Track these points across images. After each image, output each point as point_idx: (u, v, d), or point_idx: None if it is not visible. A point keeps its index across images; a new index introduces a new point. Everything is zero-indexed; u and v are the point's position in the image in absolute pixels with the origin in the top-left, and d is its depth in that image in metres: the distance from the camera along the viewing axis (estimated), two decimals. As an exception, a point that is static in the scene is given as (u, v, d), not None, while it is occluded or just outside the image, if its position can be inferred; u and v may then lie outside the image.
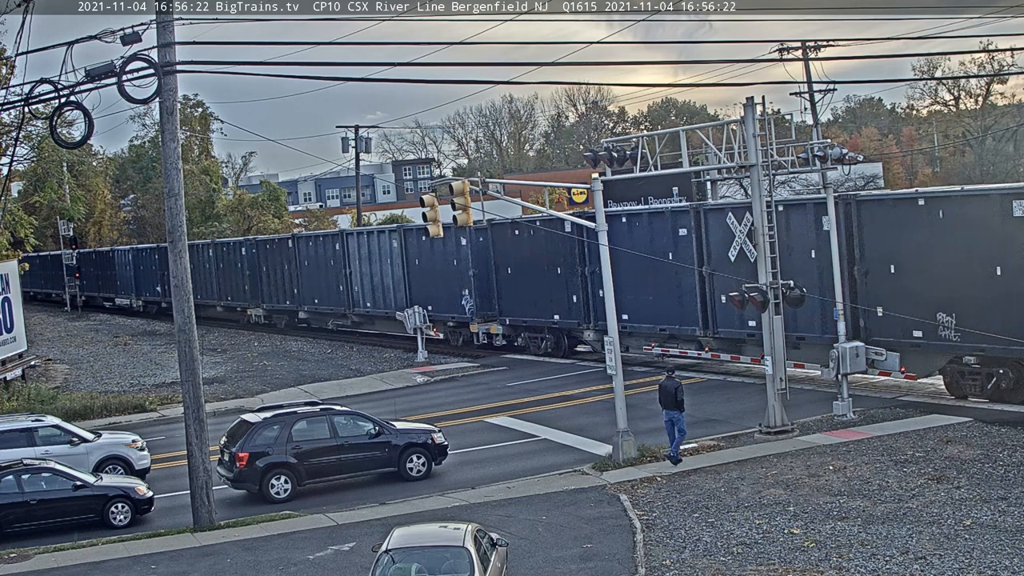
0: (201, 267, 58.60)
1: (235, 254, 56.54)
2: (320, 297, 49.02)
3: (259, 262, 53.73)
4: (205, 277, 58.82)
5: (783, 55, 50.00)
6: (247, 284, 55.08)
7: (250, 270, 54.51)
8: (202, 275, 58.38)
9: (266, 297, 53.44)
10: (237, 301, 56.46)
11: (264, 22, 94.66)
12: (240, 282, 55.92)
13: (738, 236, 29.54)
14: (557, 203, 69.02)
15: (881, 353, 25.97)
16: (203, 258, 58.94)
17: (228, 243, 58.64)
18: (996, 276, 23.94)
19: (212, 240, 62.05)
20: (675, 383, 22.56)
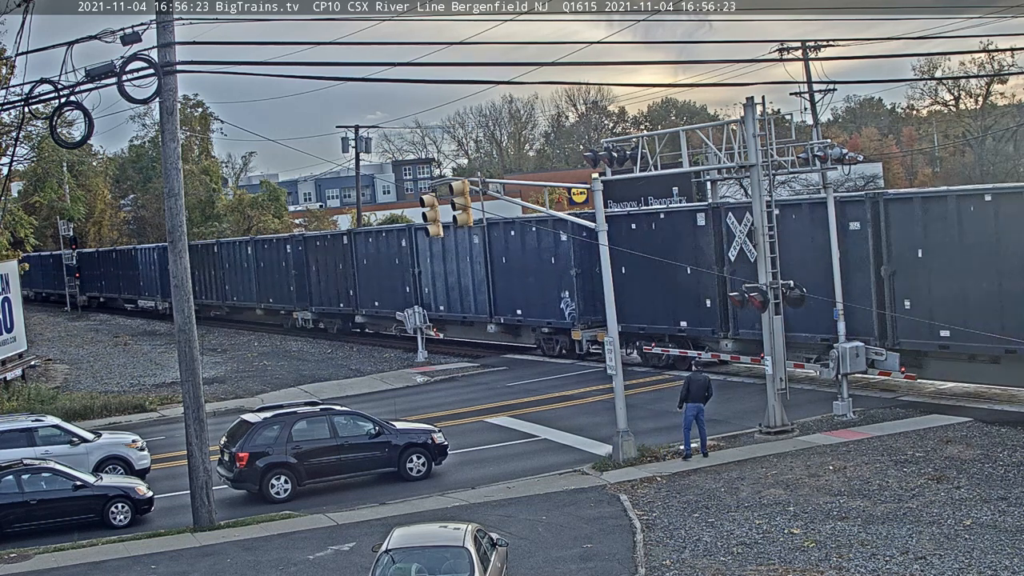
0: (238, 266, 55.56)
1: (278, 252, 52.31)
2: (382, 299, 44.81)
3: (307, 261, 49.77)
4: (243, 277, 55.27)
5: (783, 55, 49.99)
6: (292, 285, 50.90)
7: (296, 270, 50.41)
8: (239, 275, 55.38)
9: (316, 299, 49.54)
10: (281, 303, 52.33)
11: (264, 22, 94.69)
12: (284, 282, 51.69)
13: (738, 236, 29.54)
14: (557, 203, 69.01)
15: (881, 353, 25.96)
16: (240, 256, 55.45)
17: (270, 240, 54.78)
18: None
19: (252, 237, 58.95)
20: (707, 376, 23.13)
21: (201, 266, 57.60)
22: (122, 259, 69.65)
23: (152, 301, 65.56)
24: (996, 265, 24.07)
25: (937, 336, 25.23)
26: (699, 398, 22.48)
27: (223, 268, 57.51)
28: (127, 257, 68.86)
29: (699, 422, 22.46)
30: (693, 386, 22.57)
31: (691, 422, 22.43)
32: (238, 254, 55.66)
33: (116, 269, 70.03)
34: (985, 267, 24.25)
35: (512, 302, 38.13)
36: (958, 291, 24.79)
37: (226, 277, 56.95)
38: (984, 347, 24.21)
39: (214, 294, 58.53)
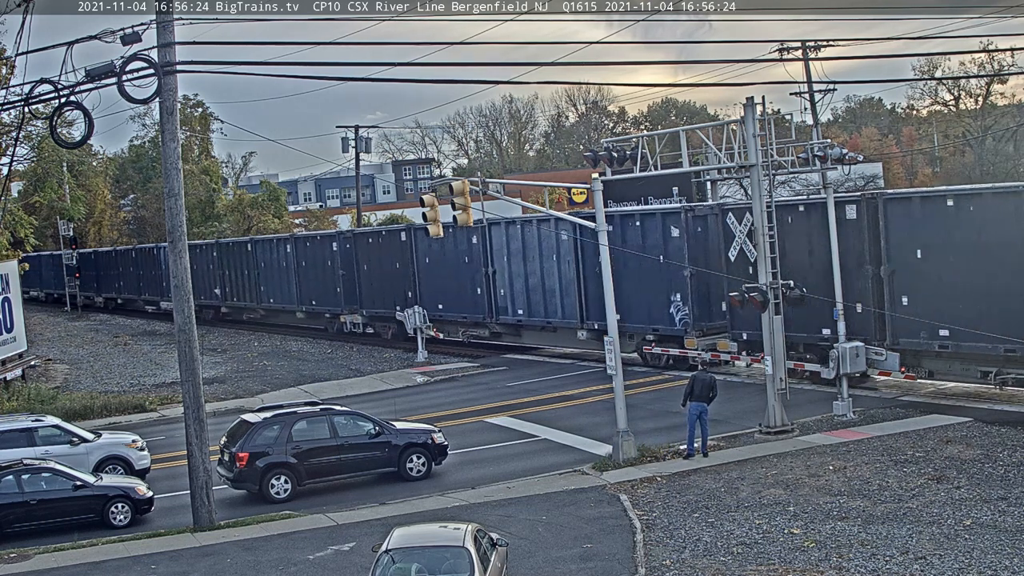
0: (275, 265, 51.55)
1: (323, 250, 48.05)
2: (447, 302, 40.80)
3: (357, 259, 45.80)
4: (280, 277, 51.19)
5: (783, 55, 49.99)
6: (340, 286, 46.53)
7: (344, 269, 46.20)
8: (276, 275, 51.40)
9: (367, 301, 45.39)
10: (326, 306, 47.94)
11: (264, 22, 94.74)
12: (330, 283, 47.30)
13: (738, 236, 29.52)
14: (557, 203, 68.99)
15: (881, 353, 25.96)
16: (278, 255, 51.39)
17: (313, 237, 50.86)
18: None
19: (291, 234, 55.34)
20: (711, 376, 23.16)
21: (233, 266, 55.25)
22: (143, 258, 65.67)
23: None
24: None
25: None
26: (703, 397, 22.49)
27: (258, 268, 53.21)
28: (149, 256, 64.78)
29: (702, 421, 22.47)
30: (697, 385, 22.59)
31: (695, 421, 22.44)
32: (276, 252, 51.56)
33: (136, 269, 66.17)
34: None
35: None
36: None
37: (262, 278, 53.03)
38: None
39: (248, 296, 54.52)
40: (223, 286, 56.75)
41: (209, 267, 57.65)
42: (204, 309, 57.41)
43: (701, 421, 22.46)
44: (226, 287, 56.53)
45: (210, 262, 57.52)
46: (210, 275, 57.37)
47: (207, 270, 57.46)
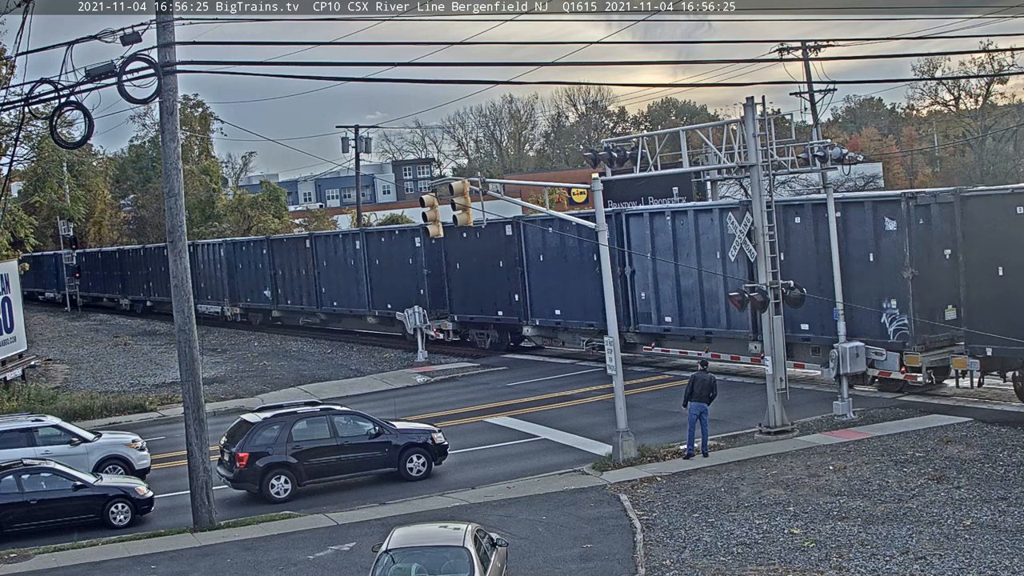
0: (340, 264, 46.54)
1: (403, 247, 42.98)
2: (566, 307, 35.58)
3: (447, 257, 40.82)
4: (347, 278, 46.08)
5: (783, 55, 50.00)
6: (424, 287, 41.53)
7: (430, 268, 41.41)
8: (342, 275, 46.31)
9: (459, 305, 40.69)
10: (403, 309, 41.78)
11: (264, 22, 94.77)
12: (412, 285, 42.07)
13: (738, 236, 29.51)
14: (557, 203, 69.00)
15: (881, 353, 25.95)
16: (344, 252, 46.35)
17: (390, 232, 45.38)
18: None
19: (362, 229, 49.61)
20: (711, 376, 23.05)
21: (287, 264, 50.45)
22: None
23: (217, 306, 56.37)
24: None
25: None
26: (703, 398, 22.48)
27: (319, 267, 47.96)
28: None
29: (702, 422, 22.47)
30: (697, 385, 22.58)
31: (695, 421, 22.44)
32: (341, 249, 46.49)
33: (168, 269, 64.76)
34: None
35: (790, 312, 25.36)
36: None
37: (323, 278, 47.92)
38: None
39: (306, 298, 49.26)
40: (275, 287, 51.59)
41: (258, 266, 52.38)
42: (251, 312, 54.64)
43: (701, 421, 22.47)
44: (278, 288, 51.49)
45: (259, 260, 52.34)
46: (259, 275, 52.23)
47: (256, 269, 52.47)
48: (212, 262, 56.76)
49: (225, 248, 55.43)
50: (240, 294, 54.55)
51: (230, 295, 54.95)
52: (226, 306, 55.51)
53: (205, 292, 56.94)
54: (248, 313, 55.15)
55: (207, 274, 57.08)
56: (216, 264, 56.43)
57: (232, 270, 54.82)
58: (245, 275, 53.51)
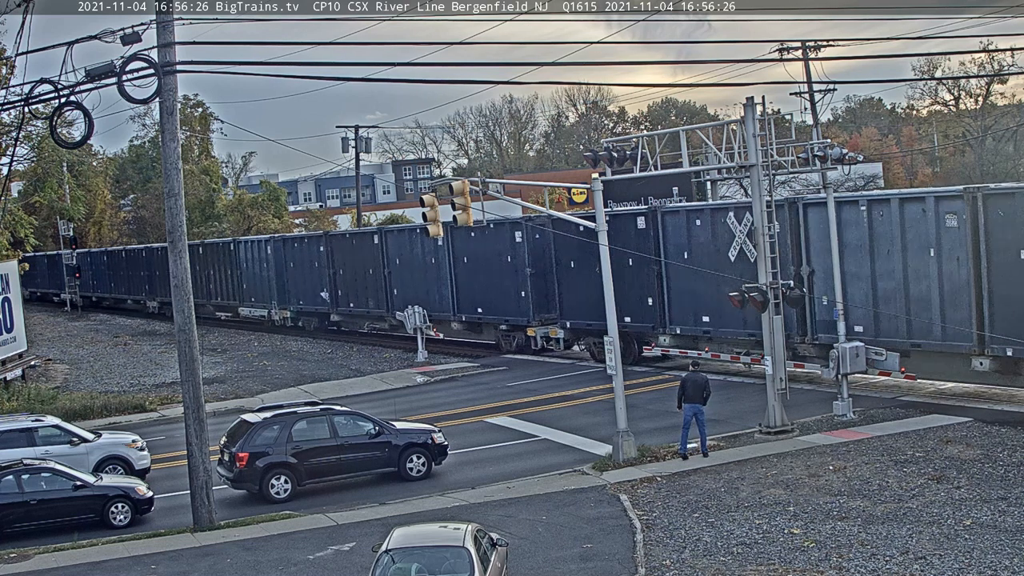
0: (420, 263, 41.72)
1: (499, 243, 37.53)
2: (716, 313, 30.03)
3: (556, 255, 35.57)
4: (426, 278, 41.34)
5: (783, 55, 50.01)
6: (526, 289, 36.77)
7: (534, 267, 36.76)
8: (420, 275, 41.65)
9: (571, 310, 35.28)
10: (501, 315, 38.10)
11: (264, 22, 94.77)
12: (510, 285, 37.29)
13: (738, 236, 29.51)
14: (557, 203, 69.02)
15: (881, 353, 25.94)
16: (423, 250, 41.28)
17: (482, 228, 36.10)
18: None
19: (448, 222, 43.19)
20: (704, 375, 22.95)
21: (350, 263, 45.85)
22: (215, 255, 55.42)
23: (263, 309, 51.58)
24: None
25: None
26: (696, 398, 22.44)
27: (391, 266, 43.58)
28: (223, 253, 54.78)
29: (698, 422, 22.45)
30: (689, 386, 22.55)
31: (690, 422, 22.42)
32: (419, 247, 41.70)
33: (203, 268, 55.81)
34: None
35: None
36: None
37: (395, 279, 43.42)
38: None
39: (372, 301, 44.71)
40: (334, 289, 46.91)
41: (313, 265, 47.84)
42: (306, 316, 49.68)
43: (698, 422, 22.44)
44: (338, 290, 46.76)
45: (314, 259, 47.84)
46: (315, 275, 47.89)
47: (311, 269, 48.01)
48: (257, 261, 51.91)
49: (273, 245, 50.51)
50: (291, 296, 49.85)
51: (279, 297, 50.14)
52: (274, 309, 50.59)
53: (248, 294, 52.85)
54: (300, 317, 49.95)
55: (251, 274, 52.51)
56: (262, 263, 51.60)
57: (281, 270, 50.06)
58: (297, 275, 48.97)
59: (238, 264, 53.55)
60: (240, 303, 53.98)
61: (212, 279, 55.93)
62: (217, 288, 55.81)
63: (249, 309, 53.17)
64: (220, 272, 55.34)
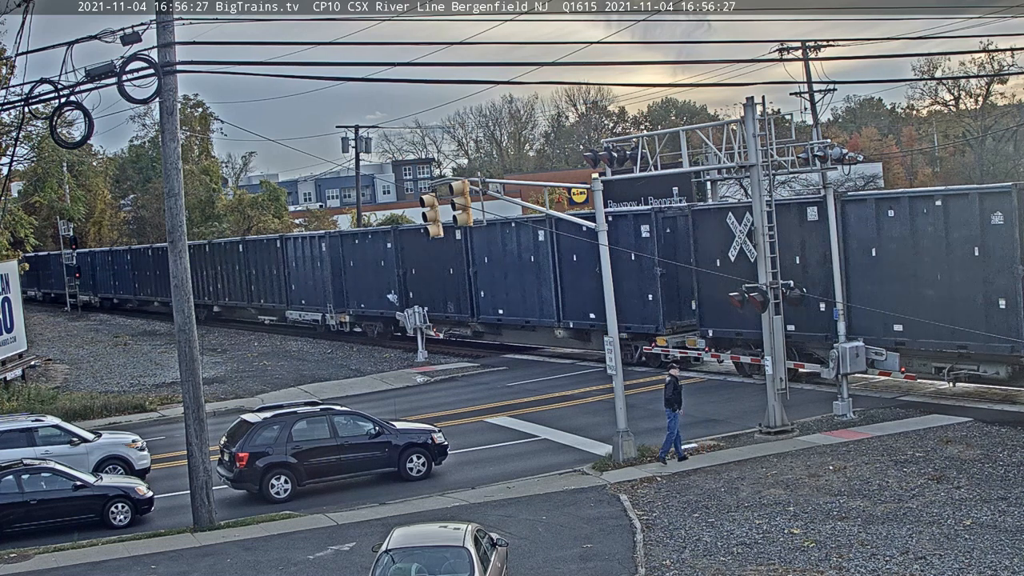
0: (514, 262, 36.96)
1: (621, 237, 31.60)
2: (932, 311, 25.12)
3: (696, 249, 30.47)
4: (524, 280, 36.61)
5: (783, 55, 49.97)
6: (655, 291, 31.96)
7: (664, 267, 31.65)
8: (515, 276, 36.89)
9: (710, 317, 30.46)
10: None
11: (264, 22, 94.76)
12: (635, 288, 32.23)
13: (738, 236, 29.51)
14: (557, 203, 69.01)
15: (881, 353, 25.94)
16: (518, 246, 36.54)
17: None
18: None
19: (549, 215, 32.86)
20: (671, 379, 22.59)
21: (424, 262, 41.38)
22: (260, 254, 51.02)
23: (316, 313, 47.49)
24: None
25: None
26: (665, 402, 22.32)
27: (476, 265, 39.02)
28: (267, 251, 50.50)
29: (667, 426, 22.30)
30: (668, 389, 22.48)
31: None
32: (514, 243, 36.93)
33: (245, 268, 51.85)
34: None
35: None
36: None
37: (482, 279, 38.95)
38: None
39: (453, 305, 40.53)
40: (404, 291, 42.71)
41: (379, 264, 43.53)
42: (368, 321, 45.37)
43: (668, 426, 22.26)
44: (409, 292, 42.64)
45: (380, 257, 43.59)
46: (380, 275, 43.59)
47: (375, 269, 43.80)
48: (308, 260, 47.67)
49: (329, 242, 46.32)
50: (350, 299, 45.52)
51: (335, 300, 46.00)
52: (330, 313, 46.47)
53: (298, 296, 48.56)
54: (362, 321, 45.74)
55: (301, 275, 48.39)
56: (315, 262, 47.25)
57: (339, 269, 45.82)
58: (358, 275, 44.77)
59: (286, 263, 49.45)
60: (288, 305, 49.72)
61: (255, 280, 51.89)
62: (261, 290, 51.70)
63: (299, 313, 48.93)
64: (265, 272, 51.19)
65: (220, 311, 56.41)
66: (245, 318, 55.15)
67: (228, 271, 54.29)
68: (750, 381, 30.10)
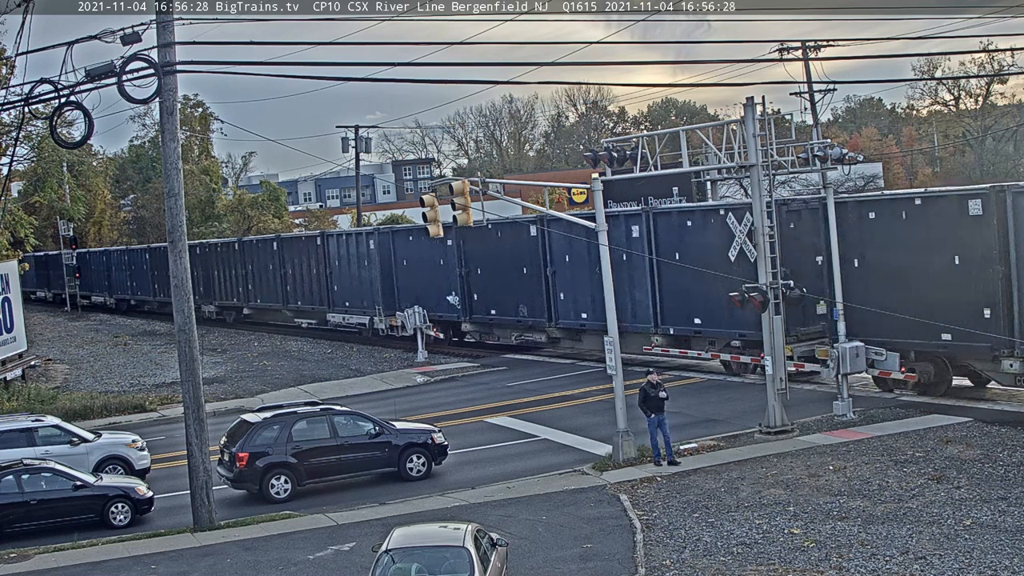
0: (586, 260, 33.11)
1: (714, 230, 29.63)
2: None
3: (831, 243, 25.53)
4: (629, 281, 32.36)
5: (783, 55, 49.99)
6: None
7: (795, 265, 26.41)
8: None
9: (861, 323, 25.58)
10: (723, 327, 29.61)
11: (264, 22, 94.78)
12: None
13: (738, 236, 29.49)
14: (557, 203, 69.01)
15: (881, 353, 25.93)
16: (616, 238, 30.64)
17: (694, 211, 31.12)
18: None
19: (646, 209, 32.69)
20: (646, 385, 22.33)
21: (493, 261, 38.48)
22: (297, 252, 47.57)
23: (363, 316, 43.72)
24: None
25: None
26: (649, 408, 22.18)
27: (554, 264, 35.65)
28: (306, 249, 47.03)
29: (649, 431, 22.22)
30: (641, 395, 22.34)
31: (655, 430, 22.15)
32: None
33: (280, 267, 48.37)
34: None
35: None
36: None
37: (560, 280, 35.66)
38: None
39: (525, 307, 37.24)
40: (466, 293, 39.56)
41: (438, 263, 40.30)
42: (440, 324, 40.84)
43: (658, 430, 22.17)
44: (473, 294, 39.52)
45: (439, 255, 40.10)
46: (439, 275, 40.42)
47: (432, 268, 40.59)
48: (353, 258, 44.11)
49: (379, 239, 42.79)
50: (401, 301, 41.87)
51: (384, 302, 42.32)
52: (378, 316, 42.62)
53: (340, 297, 45.11)
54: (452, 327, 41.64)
55: (344, 274, 44.72)
56: (361, 260, 43.66)
57: (390, 268, 42.59)
58: (412, 275, 41.42)
59: (328, 261, 45.77)
60: (329, 308, 46.21)
61: (291, 280, 48.53)
62: (297, 290, 48.23)
63: (341, 315, 45.47)
64: (303, 272, 47.67)
65: (251, 313, 53.42)
66: (279, 321, 52.06)
67: (260, 270, 51.00)
68: (750, 381, 30.13)
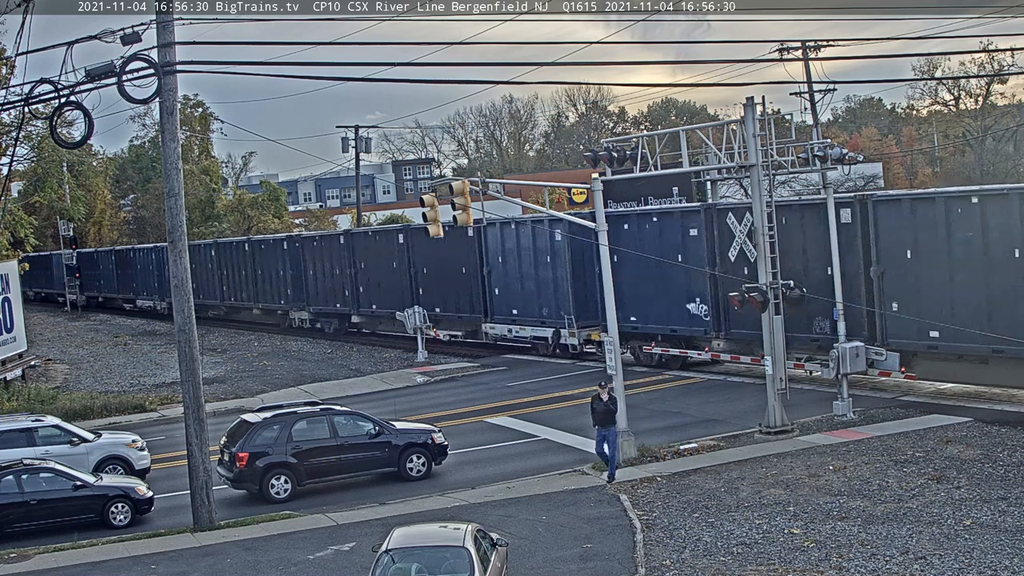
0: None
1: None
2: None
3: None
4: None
5: (783, 55, 49.98)
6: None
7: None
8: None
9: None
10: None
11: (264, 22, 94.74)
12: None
13: (738, 236, 29.49)
14: (557, 203, 68.99)
15: (881, 353, 25.94)
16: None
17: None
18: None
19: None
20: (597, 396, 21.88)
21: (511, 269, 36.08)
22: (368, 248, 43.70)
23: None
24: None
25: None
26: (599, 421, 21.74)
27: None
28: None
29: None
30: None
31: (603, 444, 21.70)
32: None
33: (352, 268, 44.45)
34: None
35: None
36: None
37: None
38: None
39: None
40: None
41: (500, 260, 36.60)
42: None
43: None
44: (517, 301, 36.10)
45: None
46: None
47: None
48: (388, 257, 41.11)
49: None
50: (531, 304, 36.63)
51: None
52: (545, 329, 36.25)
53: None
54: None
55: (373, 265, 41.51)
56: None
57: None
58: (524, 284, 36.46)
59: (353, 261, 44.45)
60: (354, 310, 45.16)
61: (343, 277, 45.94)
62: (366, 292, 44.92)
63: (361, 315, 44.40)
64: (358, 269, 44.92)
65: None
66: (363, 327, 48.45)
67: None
68: (750, 381, 30.13)
